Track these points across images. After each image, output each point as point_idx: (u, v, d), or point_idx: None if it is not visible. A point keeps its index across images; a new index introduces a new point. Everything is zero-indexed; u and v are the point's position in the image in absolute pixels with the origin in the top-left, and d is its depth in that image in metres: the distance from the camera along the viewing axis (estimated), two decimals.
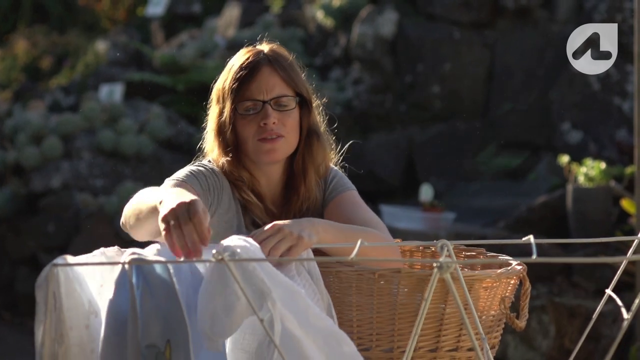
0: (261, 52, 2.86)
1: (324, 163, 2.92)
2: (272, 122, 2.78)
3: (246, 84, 2.80)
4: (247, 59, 2.84)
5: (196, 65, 9.48)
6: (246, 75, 2.81)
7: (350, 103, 8.61)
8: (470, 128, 8.35)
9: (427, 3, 8.74)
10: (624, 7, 7.72)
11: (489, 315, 2.48)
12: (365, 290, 2.38)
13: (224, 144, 2.84)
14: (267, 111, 2.79)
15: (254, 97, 2.80)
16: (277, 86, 2.81)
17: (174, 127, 8.98)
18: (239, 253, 2.07)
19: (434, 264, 1.83)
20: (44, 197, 8.44)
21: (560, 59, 7.91)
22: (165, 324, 2.03)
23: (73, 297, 2.08)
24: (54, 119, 8.87)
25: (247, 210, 2.84)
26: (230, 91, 2.82)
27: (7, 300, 8.28)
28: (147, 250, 2.28)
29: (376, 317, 2.39)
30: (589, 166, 6.35)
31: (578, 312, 5.67)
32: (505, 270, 2.46)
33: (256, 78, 2.81)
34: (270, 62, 2.83)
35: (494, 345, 2.54)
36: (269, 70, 2.82)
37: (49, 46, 11.60)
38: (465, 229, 6.68)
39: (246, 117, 2.81)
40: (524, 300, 2.59)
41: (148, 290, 2.02)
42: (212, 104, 2.90)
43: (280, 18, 9.90)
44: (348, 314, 2.41)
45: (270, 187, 2.90)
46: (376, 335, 2.41)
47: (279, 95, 2.81)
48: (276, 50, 2.88)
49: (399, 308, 2.37)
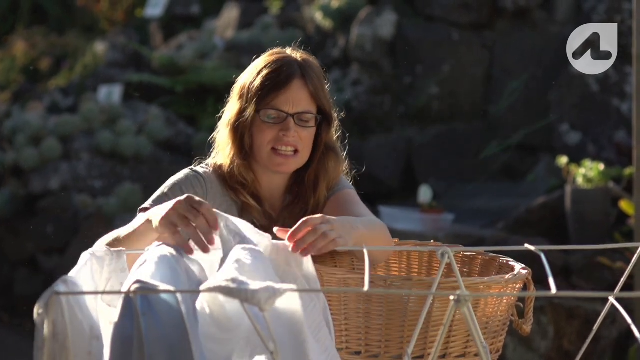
0: (295, 61, 2.84)
1: (337, 178, 2.93)
2: (291, 135, 2.79)
3: (275, 92, 2.79)
4: (280, 67, 2.82)
5: (195, 67, 9.48)
6: (276, 84, 2.79)
7: (349, 104, 8.61)
8: (469, 129, 8.34)
9: (426, 4, 8.74)
10: (622, 9, 7.72)
11: (495, 321, 2.47)
12: (375, 297, 2.37)
13: (240, 145, 2.83)
14: (289, 124, 2.79)
15: (280, 108, 2.79)
16: (304, 101, 2.81)
17: (173, 128, 8.97)
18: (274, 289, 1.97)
19: (451, 297, 1.82)
20: (42, 198, 8.43)
21: (559, 60, 7.90)
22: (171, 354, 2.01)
23: (75, 324, 2.07)
24: (53, 120, 8.87)
25: (245, 212, 2.84)
26: (257, 95, 2.80)
27: (6, 302, 8.28)
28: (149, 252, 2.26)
29: (385, 324, 2.38)
30: (587, 167, 6.35)
31: (577, 313, 5.66)
32: (512, 276, 2.44)
33: (286, 89, 2.79)
34: (303, 75, 2.82)
35: (498, 349, 2.53)
36: (300, 83, 2.81)
37: (48, 47, 11.59)
38: (464, 230, 6.67)
39: (266, 124, 2.80)
40: (528, 304, 2.57)
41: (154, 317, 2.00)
42: (232, 99, 2.89)
43: (279, 19, 9.89)
44: (356, 321, 2.40)
45: (271, 191, 2.90)
46: (385, 342, 2.40)
47: (304, 111, 2.81)
48: (310, 62, 2.87)
49: (409, 315, 2.36)
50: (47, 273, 8.09)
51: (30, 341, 2.17)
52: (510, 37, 8.45)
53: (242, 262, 2.07)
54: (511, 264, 2.60)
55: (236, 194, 2.85)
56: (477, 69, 8.48)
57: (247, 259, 2.09)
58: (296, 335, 2.08)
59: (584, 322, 5.63)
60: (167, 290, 2.00)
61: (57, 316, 2.02)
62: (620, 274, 5.33)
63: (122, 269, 2.30)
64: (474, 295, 1.94)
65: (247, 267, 2.06)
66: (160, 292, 2.00)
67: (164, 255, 2.17)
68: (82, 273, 2.22)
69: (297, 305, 2.08)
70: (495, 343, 2.49)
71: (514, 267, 2.57)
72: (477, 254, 2.74)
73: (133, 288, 1.99)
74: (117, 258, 2.30)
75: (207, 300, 2.08)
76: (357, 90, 8.67)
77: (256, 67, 2.85)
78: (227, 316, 2.08)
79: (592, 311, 5.62)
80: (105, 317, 2.18)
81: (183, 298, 2.07)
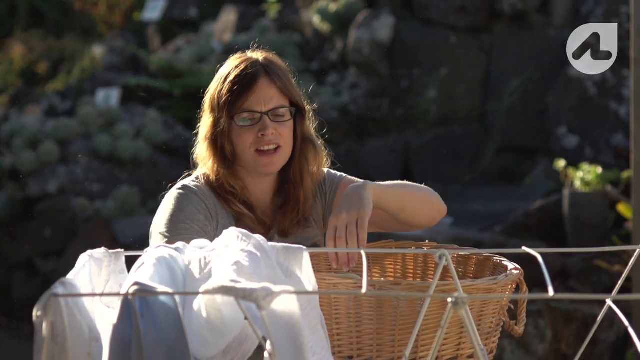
0: (257, 61, 2.85)
1: (319, 169, 2.93)
2: (270, 133, 2.79)
3: (244, 95, 2.80)
4: (244, 69, 2.82)
5: (192, 70, 9.48)
6: (244, 87, 2.80)
7: (346, 108, 8.61)
8: (467, 132, 8.35)
9: (424, 8, 8.75)
10: (620, 12, 7.73)
11: (486, 322, 2.47)
12: (366, 302, 2.37)
13: (221, 155, 2.83)
14: (266, 122, 2.79)
15: (252, 109, 2.80)
16: (275, 97, 2.82)
17: (171, 132, 8.97)
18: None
19: (449, 300, 1.82)
20: (40, 201, 8.43)
21: (557, 64, 7.91)
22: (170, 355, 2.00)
23: (75, 326, 2.07)
24: (50, 124, 8.87)
25: (239, 221, 2.83)
26: (227, 102, 2.81)
27: (4, 305, 8.27)
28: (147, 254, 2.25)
29: (376, 329, 2.38)
30: (585, 171, 6.35)
31: (574, 316, 5.67)
32: (504, 276, 2.45)
33: (254, 90, 2.80)
34: (267, 72, 2.82)
35: (492, 350, 2.53)
36: (267, 81, 2.82)
37: (46, 51, 11.59)
38: (461, 234, 6.68)
39: (243, 128, 2.80)
40: (521, 305, 2.58)
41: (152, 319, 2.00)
42: (204, 113, 2.89)
43: (277, 23, 9.90)
44: (348, 325, 2.40)
45: (261, 196, 2.90)
46: (377, 346, 2.40)
47: (276, 107, 2.81)
48: (271, 59, 2.88)
49: (399, 319, 2.36)
50: (45, 276, 8.09)
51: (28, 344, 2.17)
52: (507, 40, 8.46)
53: (241, 264, 2.07)
54: (504, 263, 2.60)
55: (228, 204, 2.84)
56: (474, 72, 8.49)
57: (245, 261, 2.09)
58: (294, 337, 2.08)
59: (581, 325, 5.64)
60: (165, 292, 2.00)
61: (56, 318, 2.02)
62: (618, 277, 5.33)
63: (120, 271, 2.30)
64: (471, 297, 1.94)
65: (246, 269, 2.06)
66: (159, 294, 2.00)
67: (162, 257, 2.17)
68: (81, 275, 2.21)
69: (295, 307, 2.08)
70: (488, 344, 2.50)
71: (507, 266, 2.57)
72: (472, 254, 2.74)
73: (131, 290, 1.99)
74: (116, 260, 2.30)
75: (205, 303, 2.08)
76: (354, 94, 8.67)
77: (221, 76, 2.86)
78: (222, 320, 2.07)
79: (589, 314, 5.62)
80: (103, 318, 2.18)
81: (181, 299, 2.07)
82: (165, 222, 2.77)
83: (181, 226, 2.75)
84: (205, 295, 2.01)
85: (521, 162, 8.07)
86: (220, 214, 2.83)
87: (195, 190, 2.82)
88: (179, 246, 2.24)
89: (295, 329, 2.08)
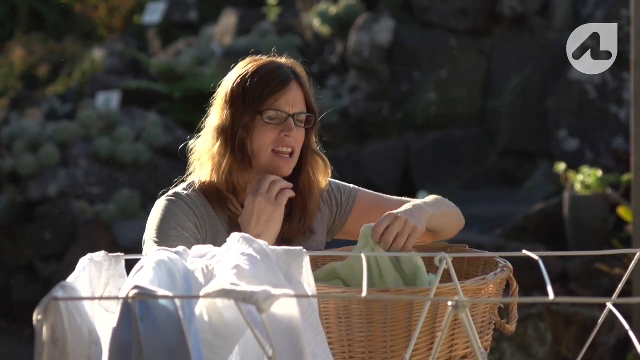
0: (284, 65, 2.86)
1: (325, 179, 2.93)
2: (293, 135, 2.80)
3: (276, 94, 2.79)
4: (275, 69, 2.82)
5: (193, 73, 9.49)
6: (277, 86, 2.80)
7: (347, 111, 8.61)
8: (467, 135, 8.35)
9: (424, 11, 8.75)
10: (620, 15, 7.73)
11: (477, 322, 2.47)
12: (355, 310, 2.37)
13: (239, 149, 2.80)
14: (291, 124, 2.79)
15: (281, 109, 2.79)
16: (301, 103, 2.84)
17: (171, 135, 8.98)
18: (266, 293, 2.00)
19: (449, 303, 1.82)
20: (40, 204, 8.43)
21: (557, 67, 7.91)
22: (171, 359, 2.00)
23: (75, 329, 2.07)
24: (51, 127, 8.88)
25: (235, 225, 2.81)
26: (258, 97, 2.79)
27: (4, 309, 8.27)
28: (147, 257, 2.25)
29: (367, 336, 2.38)
30: (585, 174, 6.35)
31: (575, 319, 5.67)
32: (493, 275, 2.44)
33: (286, 90, 2.80)
34: (297, 77, 2.84)
35: (486, 348, 2.53)
36: (297, 85, 2.84)
37: (46, 54, 11.60)
38: (461, 237, 6.63)
39: (267, 125, 2.79)
40: (512, 303, 2.56)
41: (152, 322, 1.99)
42: (220, 106, 2.86)
43: (277, 26, 9.90)
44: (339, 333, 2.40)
45: None
46: (369, 353, 2.40)
47: (301, 112, 2.83)
48: (298, 66, 2.90)
49: (389, 324, 2.36)
50: (45, 279, 8.09)
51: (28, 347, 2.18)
52: (507, 43, 8.46)
53: (241, 268, 2.07)
54: (495, 260, 2.61)
55: (226, 205, 2.82)
56: (474, 75, 8.49)
57: (245, 265, 2.09)
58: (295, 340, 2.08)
59: (582, 329, 5.64)
60: (165, 296, 2.00)
61: (56, 321, 2.01)
62: (619, 280, 5.34)
63: (120, 275, 2.29)
64: (472, 300, 1.94)
65: (246, 273, 2.06)
66: (159, 298, 2.00)
67: (162, 260, 2.17)
68: (81, 278, 2.21)
69: (295, 311, 2.08)
70: (482, 343, 2.50)
71: (497, 262, 2.57)
72: (461, 249, 2.76)
73: (131, 293, 1.98)
74: (116, 263, 2.30)
75: (206, 307, 2.07)
76: (355, 97, 8.68)
77: (245, 72, 2.83)
78: (224, 323, 2.07)
79: (590, 317, 5.62)
80: (102, 322, 2.18)
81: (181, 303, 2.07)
82: (155, 229, 2.76)
83: (172, 233, 2.74)
84: (206, 299, 2.01)
85: (521, 165, 8.07)
86: (211, 222, 2.80)
87: (186, 198, 2.80)
88: (179, 250, 2.24)
89: (295, 332, 2.08)
